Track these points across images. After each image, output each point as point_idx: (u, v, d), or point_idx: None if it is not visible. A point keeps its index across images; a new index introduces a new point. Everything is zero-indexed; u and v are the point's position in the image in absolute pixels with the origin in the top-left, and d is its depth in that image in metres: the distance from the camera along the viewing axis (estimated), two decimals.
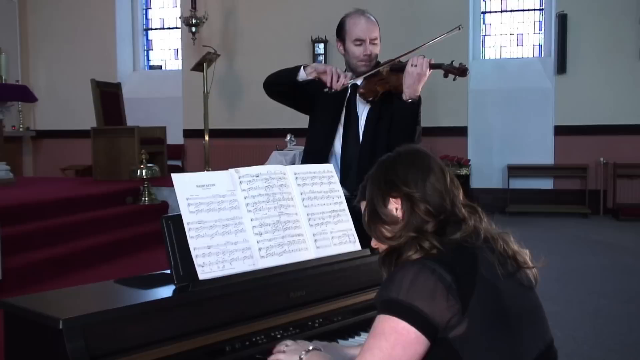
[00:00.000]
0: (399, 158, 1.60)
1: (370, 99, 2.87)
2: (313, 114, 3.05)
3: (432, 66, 2.74)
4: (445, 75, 2.73)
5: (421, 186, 1.53)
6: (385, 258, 1.57)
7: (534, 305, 1.52)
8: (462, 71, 2.68)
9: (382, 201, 1.57)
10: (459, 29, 2.85)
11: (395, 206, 1.55)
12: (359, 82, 2.92)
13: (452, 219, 1.51)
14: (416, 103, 2.75)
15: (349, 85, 2.92)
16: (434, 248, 1.45)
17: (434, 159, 1.59)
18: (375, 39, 2.92)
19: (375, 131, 2.88)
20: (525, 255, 1.54)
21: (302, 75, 2.87)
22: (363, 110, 2.93)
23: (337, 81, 2.82)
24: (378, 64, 2.92)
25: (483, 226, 1.53)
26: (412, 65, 2.72)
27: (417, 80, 2.72)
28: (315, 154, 2.96)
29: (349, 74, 2.88)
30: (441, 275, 1.38)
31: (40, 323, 1.51)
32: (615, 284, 5.56)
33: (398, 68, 2.79)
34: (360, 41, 2.88)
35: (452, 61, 2.72)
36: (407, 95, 2.74)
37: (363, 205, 1.65)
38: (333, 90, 2.84)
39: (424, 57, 2.74)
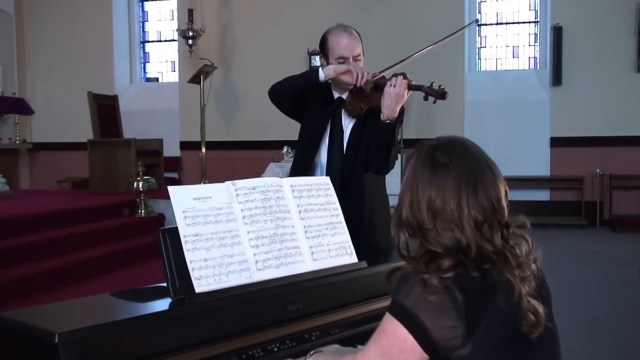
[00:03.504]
0: (423, 169, 1.45)
1: (355, 115, 2.88)
2: (301, 128, 3.05)
3: (412, 87, 2.70)
4: (425, 98, 2.71)
5: (437, 219, 1.42)
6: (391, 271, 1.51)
7: (549, 333, 1.47)
8: (441, 94, 2.64)
9: (404, 214, 1.48)
10: (477, 22, 2.83)
11: (412, 227, 1.47)
12: (344, 96, 2.93)
13: (469, 259, 1.40)
14: (393, 124, 2.72)
15: (335, 98, 2.93)
16: (436, 283, 1.37)
17: (453, 179, 1.42)
18: (359, 55, 2.90)
19: (358, 145, 2.89)
20: (533, 312, 1.41)
21: (322, 76, 2.84)
22: (349, 124, 2.93)
23: (362, 78, 2.80)
24: None
25: (504, 271, 1.40)
26: (390, 85, 2.68)
27: (395, 102, 2.68)
28: (299, 164, 2.98)
29: (371, 72, 2.85)
30: (453, 294, 1.35)
31: (36, 337, 1.50)
32: (612, 296, 5.56)
33: (381, 86, 2.76)
34: (343, 59, 2.86)
35: (432, 83, 2.68)
36: (384, 115, 2.71)
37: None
38: (357, 87, 2.82)
39: (404, 77, 2.70)
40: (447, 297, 1.35)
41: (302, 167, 2.92)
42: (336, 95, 2.97)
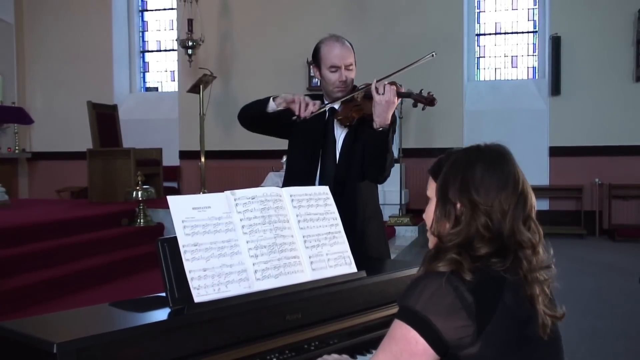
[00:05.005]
0: (483, 156, 1.53)
1: (347, 124, 2.89)
2: (292, 138, 3.06)
3: (401, 94, 2.71)
4: (415, 105, 2.72)
5: (491, 199, 1.47)
6: (431, 259, 1.51)
7: (554, 337, 1.50)
8: (430, 101, 2.66)
9: (451, 194, 1.51)
10: (433, 55, 2.84)
11: (460, 206, 1.50)
12: (336, 106, 2.94)
13: (503, 248, 1.46)
14: (386, 131, 2.73)
15: (327, 109, 2.94)
16: (465, 268, 1.41)
17: (513, 170, 1.53)
18: (350, 64, 2.92)
19: (351, 154, 2.90)
20: (544, 308, 1.48)
21: (272, 106, 2.89)
22: (341, 134, 2.95)
23: (305, 109, 2.83)
24: (355, 88, 2.93)
25: (526, 265, 1.46)
26: (379, 94, 2.69)
27: (385, 109, 2.69)
28: (294, 174, 2.99)
29: (318, 102, 2.88)
30: (462, 295, 1.38)
31: (34, 347, 1.49)
32: (612, 305, 5.55)
33: (371, 94, 2.76)
34: (335, 68, 2.88)
35: (421, 90, 2.70)
36: (377, 124, 2.72)
37: (432, 187, 1.59)
38: (302, 118, 2.84)
39: (393, 84, 2.71)
40: (456, 298, 1.38)
41: (296, 176, 2.92)
42: (328, 105, 2.98)
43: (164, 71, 11.57)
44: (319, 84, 3.07)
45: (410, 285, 1.46)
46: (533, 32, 10.16)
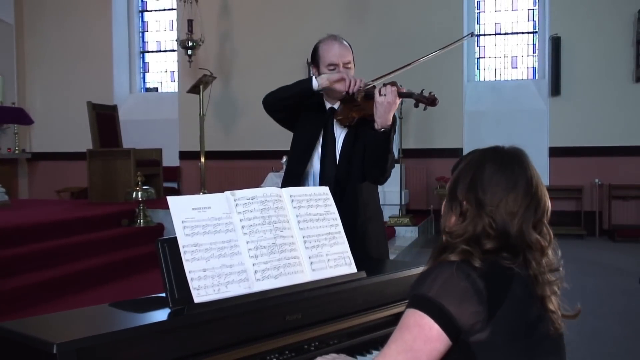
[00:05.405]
0: (495, 157, 1.56)
1: (347, 124, 2.89)
2: (293, 137, 3.07)
3: (402, 95, 2.71)
4: (416, 105, 2.71)
5: (497, 199, 1.49)
6: (439, 252, 1.54)
7: (558, 334, 1.53)
8: (431, 101, 2.65)
9: (459, 192, 1.55)
10: (471, 35, 2.84)
11: (465, 203, 1.53)
12: (335, 106, 2.94)
13: (511, 246, 1.48)
14: (388, 132, 2.73)
15: (327, 108, 2.95)
16: (476, 256, 1.45)
17: (525, 173, 1.53)
18: (349, 62, 2.93)
19: (351, 154, 2.90)
20: (558, 308, 1.52)
21: (315, 84, 2.86)
22: (341, 133, 2.95)
23: (355, 85, 2.82)
24: None
25: (535, 266, 1.49)
26: (381, 94, 2.69)
27: (387, 110, 2.69)
28: (292, 174, 3.00)
29: (363, 79, 2.88)
30: (474, 281, 1.41)
31: (33, 347, 1.49)
32: (612, 306, 5.55)
33: (372, 95, 2.76)
34: (333, 66, 2.89)
35: (422, 90, 2.70)
36: (378, 124, 2.72)
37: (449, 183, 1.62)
38: (350, 94, 2.83)
39: (394, 85, 2.71)
40: (468, 284, 1.41)
41: (295, 176, 2.94)
42: (328, 105, 2.98)
43: (164, 72, 11.58)
44: None
45: (422, 275, 1.48)
46: (533, 32, 10.17)
